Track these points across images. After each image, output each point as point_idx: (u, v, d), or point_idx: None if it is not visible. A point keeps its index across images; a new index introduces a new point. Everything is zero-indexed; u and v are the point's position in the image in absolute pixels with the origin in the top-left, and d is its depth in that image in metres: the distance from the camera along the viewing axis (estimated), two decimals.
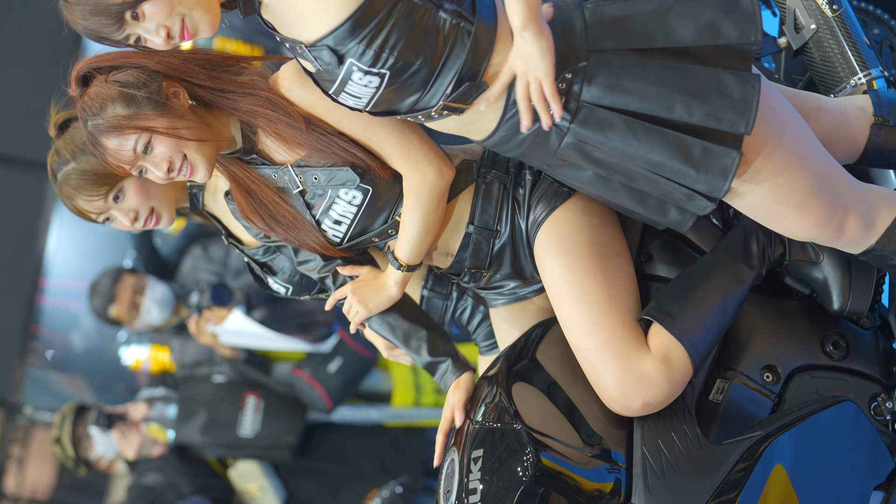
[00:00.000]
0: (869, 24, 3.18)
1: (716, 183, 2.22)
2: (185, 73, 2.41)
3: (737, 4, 2.20)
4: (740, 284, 2.49)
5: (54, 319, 6.61)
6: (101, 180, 2.54)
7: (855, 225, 2.36)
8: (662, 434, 2.41)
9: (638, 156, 2.22)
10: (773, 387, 2.56)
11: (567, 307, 2.45)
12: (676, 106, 2.18)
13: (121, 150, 2.35)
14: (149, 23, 2.18)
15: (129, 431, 5.05)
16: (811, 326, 2.61)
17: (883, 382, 2.61)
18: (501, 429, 2.41)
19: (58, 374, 6.66)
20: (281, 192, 2.50)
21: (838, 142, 2.54)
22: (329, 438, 5.26)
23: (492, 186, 2.54)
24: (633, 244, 2.63)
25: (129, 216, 2.59)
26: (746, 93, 2.17)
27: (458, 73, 2.19)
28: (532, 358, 2.56)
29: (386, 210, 2.50)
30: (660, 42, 2.19)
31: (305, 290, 2.77)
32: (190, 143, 2.37)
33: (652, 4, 2.21)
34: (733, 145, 2.20)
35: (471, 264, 2.58)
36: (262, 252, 2.72)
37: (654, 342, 2.42)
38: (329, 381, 5.09)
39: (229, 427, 5.06)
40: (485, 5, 2.19)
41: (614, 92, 2.18)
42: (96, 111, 2.35)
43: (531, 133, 2.26)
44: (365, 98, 2.23)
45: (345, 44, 2.13)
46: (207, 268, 5.35)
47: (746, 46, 2.20)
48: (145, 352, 5.68)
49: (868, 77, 2.75)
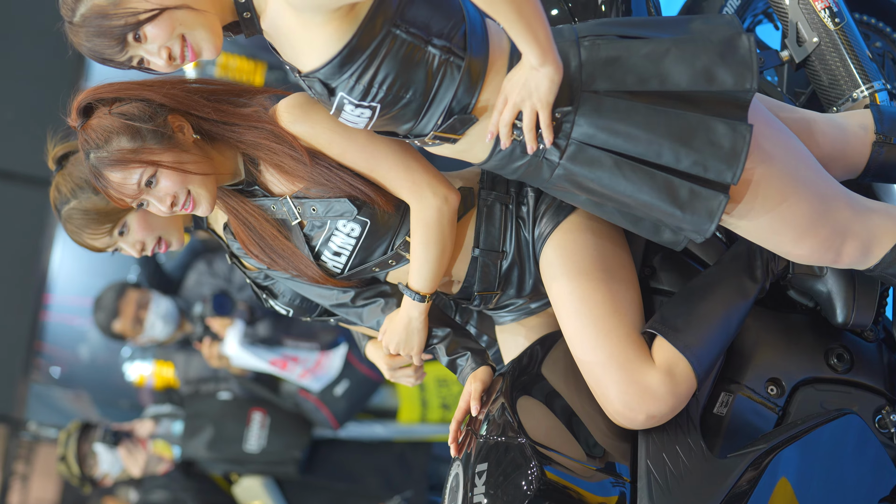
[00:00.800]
0: (871, 36, 3.19)
1: (702, 224, 2.24)
2: (190, 106, 2.41)
3: (734, 50, 2.20)
4: (744, 298, 2.49)
5: (58, 335, 6.61)
6: (103, 218, 2.55)
7: (852, 251, 2.36)
8: (667, 447, 2.41)
9: (626, 194, 2.24)
10: (778, 400, 2.55)
11: (572, 320, 2.45)
12: (665, 152, 2.19)
13: (125, 183, 2.35)
14: (151, 44, 2.18)
15: (136, 449, 5.05)
16: (815, 339, 2.61)
17: (887, 395, 2.60)
18: (506, 443, 2.40)
19: (62, 391, 6.66)
20: (279, 224, 2.50)
21: (839, 160, 2.54)
22: (334, 454, 5.26)
23: (493, 208, 2.54)
24: (636, 257, 2.63)
25: (136, 248, 2.60)
26: (736, 143, 2.17)
27: (448, 105, 2.21)
28: (536, 372, 2.55)
29: (385, 241, 2.50)
30: (654, 85, 2.20)
31: (307, 313, 2.77)
32: (195, 178, 2.37)
33: (648, 46, 2.21)
34: (720, 189, 2.21)
35: (480, 287, 2.58)
36: (264, 276, 2.71)
37: (658, 355, 2.42)
38: (336, 404, 5.10)
39: (235, 442, 5.06)
40: (476, 37, 2.21)
41: (604, 132, 2.19)
42: (100, 144, 2.34)
43: (523, 164, 2.28)
44: (360, 125, 2.26)
45: (334, 78, 2.16)
46: (211, 283, 5.35)
47: (741, 94, 2.20)
48: (149, 367, 5.68)
49: (870, 90, 2.75)
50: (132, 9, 2.14)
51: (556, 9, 2.73)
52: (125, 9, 2.14)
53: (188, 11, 2.17)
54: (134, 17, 2.14)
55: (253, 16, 2.21)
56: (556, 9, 2.73)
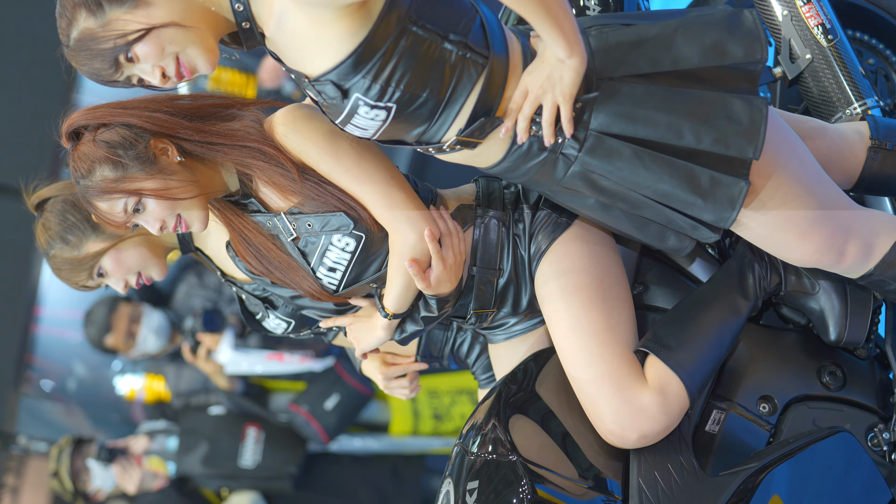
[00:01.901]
0: (864, 53, 3.19)
1: (723, 212, 2.22)
2: (172, 130, 2.39)
3: (740, 24, 2.21)
4: (736, 315, 2.49)
5: (49, 349, 6.59)
6: (78, 266, 2.60)
7: (854, 251, 2.36)
8: (659, 465, 2.40)
9: (646, 185, 2.22)
10: (770, 417, 2.55)
11: (565, 337, 2.45)
12: (685, 132, 2.18)
13: (112, 211, 2.37)
14: (144, 63, 2.17)
15: (131, 465, 5.04)
16: (808, 357, 2.61)
17: (880, 413, 2.60)
18: (497, 460, 2.39)
19: (52, 404, 6.64)
20: (274, 238, 2.50)
21: (835, 165, 2.54)
22: (327, 469, 5.26)
23: (490, 226, 2.53)
24: (629, 273, 2.63)
25: (120, 285, 2.66)
26: (754, 118, 2.17)
27: (473, 108, 2.18)
28: (529, 389, 2.54)
29: (380, 257, 2.48)
30: (666, 66, 2.19)
31: (306, 325, 2.76)
32: (181, 202, 2.37)
33: (656, 29, 2.21)
34: (741, 174, 2.20)
35: (476, 306, 2.57)
36: (263, 287, 2.69)
37: (650, 374, 2.41)
38: (326, 418, 5.10)
39: (230, 458, 5.06)
40: (496, 38, 2.18)
41: (623, 120, 2.18)
42: (85, 174, 2.36)
43: (538, 162, 2.25)
44: (371, 129, 2.21)
45: (348, 79, 2.11)
46: (202, 295, 5.34)
47: (752, 65, 2.21)
48: (140, 381, 5.67)
49: (863, 107, 2.76)
50: (120, 30, 2.13)
51: None
52: (113, 30, 2.13)
53: (177, 29, 2.15)
54: (122, 38, 2.13)
55: (252, 25, 2.18)
56: None
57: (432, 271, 2.43)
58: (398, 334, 2.56)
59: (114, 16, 2.12)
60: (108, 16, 2.13)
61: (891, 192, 2.65)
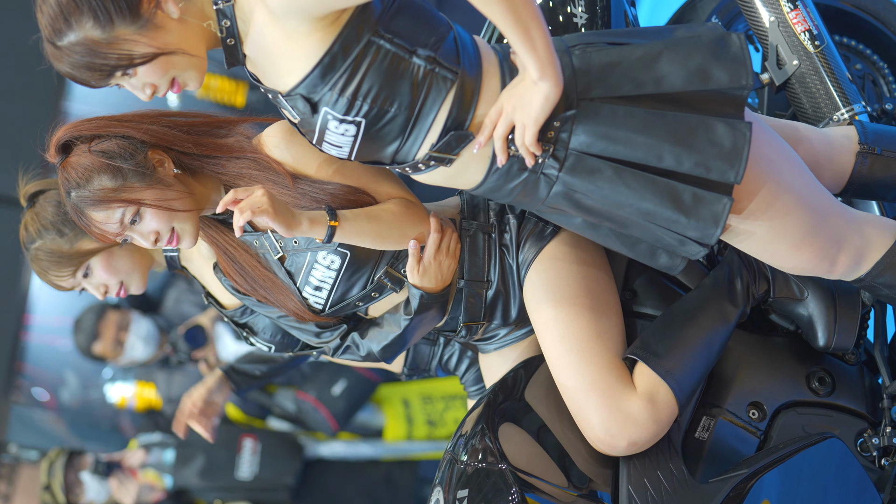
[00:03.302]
0: (851, 59, 3.20)
1: (707, 230, 2.20)
2: (171, 142, 2.39)
3: (726, 49, 2.18)
4: (725, 322, 2.49)
5: (39, 356, 6.57)
6: (67, 261, 2.57)
7: (846, 260, 2.36)
8: (648, 473, 2.40)
9: (628, 203, 2.20)
10: (759, 424, 2.55)
11: (554, 345, 2.44)
12: (666, 155, 2.15)
13: (108, 222, 2.34)
14: (137, 80, 2.16)
15: (127, 479, 5.02)
16: (797, 363, 2.61)
17: (869, 418, 2.60)
18: (486, 469, 2.39)
19: (43, 412, 6.62)
20: (260, 257, 2.49)
21: (824, 169, 2.54)
22: (319, 478, 5.24)
23: (476, 238, 2.53)
24: (618, 280, 2.63)
25: (100, 290, 2.64)
26: (737, 142, 2.15)
27: (444, 123, 2.17)
28: (518, 397, 2.54)
29: (365, 273, 2.48)
30: (649, 88, 2.17)
31: (289, 348, 2.75)
32: (179, 214, 2.35)
33: (641, 50, 2.18)
34: (724, 191, 2.18)
35: (466, 318, 2.57)
36: (241, 314, 2.70)
37: (639, 381, 2.41)
38: (334, 404, 5.09)
39: (227, 470, 5.05)
40: (468, 55, 2.18)
41: (603, 140, 2.16)
42: (81, 183, 2.32)
43: (519, 182, 2.24)
44: (346, 147, 2.21)
45: (317, 91, 2.11)
46: (191, 300, 5.33)
47: (737, 91, 2.17)
48: (131, 389, 5.65)
49: (850, 112, 2.76)
50: (126, 51, 2.10)
51: None
52: (120, 50, 2.10)
53: (183, 56, 2.15)
54: (127, 58, 2.11)
55: (236, 42, 2.17)
56: None
57: (423, 255, 2.43)
58: (381, 352, 2.55)
59: (122, 33, 2.09)
60: (116, 32, 2.09)
61: (878, 196, 2.65)
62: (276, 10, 2.05)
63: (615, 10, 2.77)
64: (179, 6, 2.12)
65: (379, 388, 5.37)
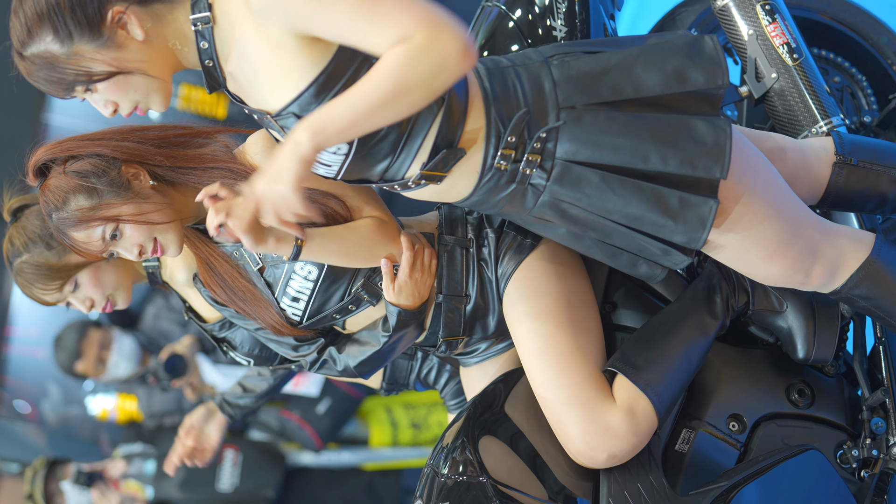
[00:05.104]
0: (829, 71, 3.21)
1: (694, 233, 2.20)
2: (142, 156, 2.38)
3: (701, 50, 2.20)
4: (704, 335, 2.49)
5: (21, 368, 6.55)
6: (54, 274, 2.55)
7: (821, 272, 2.37)
8: (629, 485, 2.40)
9: (615, 210, 2.20)
10: (739, 436, 2.55)
11: (534, 358, 2.44)
12: (651, 156, 2.16)
13: (90, 240, 2.35)
14: (98, 96, 2.14)
15: (108, 490, 5.00)
16: (776, 375, 2.62)
17: (848, 430, 2.61)
18: (467, 482, 2.39)
19: (24, 425, 6.60)
20: (240, 268, 2.49)
21: (801, 181, 2.54)
22: (302, 486, 5.23)
23: (454, 253, 2.53)
24: (597, 293, 2.63)
25: (86, 304, 2.62)
26: (719, 138, 2.17)
27: (434, 141, 2.16)
28: (498, 410, 2.54)
29: (343, 284, 2.48)
30: (628, 93, 2.18)
31: (267, 362, 2.75)
32: (159, 226, 2.35)
33: (618, 57, 2.19)
34: (709, 194, 2.19)
35: (445, 333, 2.57)
36: (219, 328, 2.70)
37: (619, 394, 2.41)
38: (319, 422, 5.11)
39: (208, 482, 5.03)
40: None
41: (589, 147, 2.16)
42: (59, 205, 2.33)
43: (507, 194, 2.24)
44: (335, 166, 2.18)
45: (310, 109, 2.07)
46: (170, 317, 5.31)
47: (714, 90, 2.20)
48: (112, 401, 5.63)
49: (829, 125, 2.77)
50: (85, 68, 2.09)
51: (517, 44, 2.74)
52: (78, 66, 2.08)
53: (143, 77, 2.13)
54: (86, 76, 2.10)
55: (215, 64, 2.13)
56: (517, 44, 2.74)
57: (398, 274, 2.42)
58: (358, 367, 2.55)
59: (81, 50, 2.08)
60: (75, 48, 2.07)
61: (856, 207, 2.66)
62: (256, 9, 2.00)
63: (594, 23, 2.78)
64: (146, 28, 2.10)
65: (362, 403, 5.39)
